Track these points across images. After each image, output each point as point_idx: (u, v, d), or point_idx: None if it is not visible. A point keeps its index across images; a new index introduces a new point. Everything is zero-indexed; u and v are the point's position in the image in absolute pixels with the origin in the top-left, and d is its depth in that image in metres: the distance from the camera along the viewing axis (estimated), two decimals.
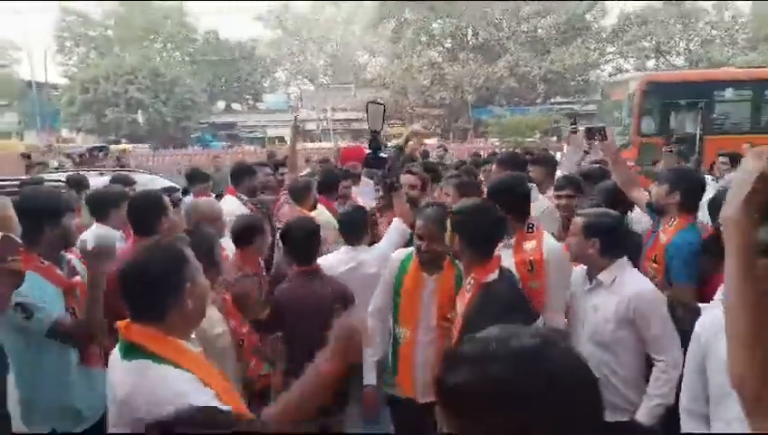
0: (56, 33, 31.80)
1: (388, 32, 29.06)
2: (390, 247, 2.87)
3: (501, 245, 2.23)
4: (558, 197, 3.25)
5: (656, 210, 2.85)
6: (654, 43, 26.95)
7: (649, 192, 2.92)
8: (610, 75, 28.50)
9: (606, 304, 2.20)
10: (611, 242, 2.23)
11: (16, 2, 34.85)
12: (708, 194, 2.83)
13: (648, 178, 4.13)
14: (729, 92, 11.38)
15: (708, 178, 4.17)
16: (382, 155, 2.98)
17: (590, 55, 26.70)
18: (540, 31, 26.82)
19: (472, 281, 2.10)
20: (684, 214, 2.65)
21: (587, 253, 2.25)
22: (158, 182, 5.94)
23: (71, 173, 5.58)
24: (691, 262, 2.50)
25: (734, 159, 5.22)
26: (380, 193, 4.29)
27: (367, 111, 2.96)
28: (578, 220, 2.32)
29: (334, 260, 2.90)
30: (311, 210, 4.00)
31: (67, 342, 2.06)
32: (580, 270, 2.39)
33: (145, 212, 2.55)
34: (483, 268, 2.10)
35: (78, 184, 4.54)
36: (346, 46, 34.10)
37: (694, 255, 2.50)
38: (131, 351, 1.43)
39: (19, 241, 1.87)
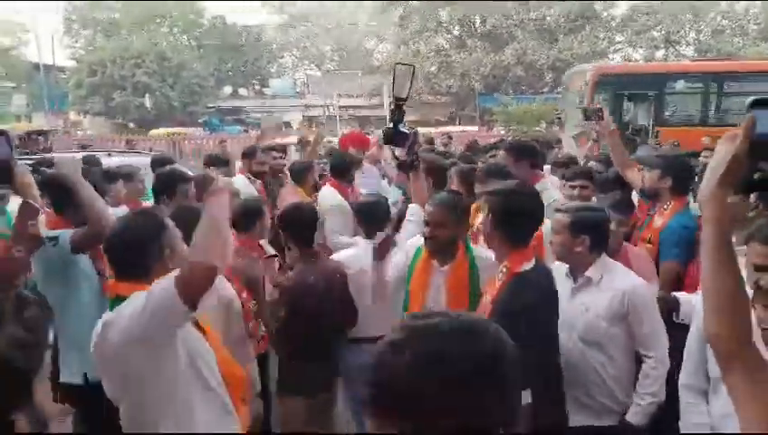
0: (64, 16, 31.81)
1: (395, 18, 28.90)
2: (409, 238, 2.65)
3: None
4: (571, 187, 3.07)
5: (648, 195, 2.97)
6: (663, 33, 26.70)
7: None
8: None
9: (597, 302, 2.10)
10: (600, 238, 2.12)
11: None
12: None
13: None
14: (681, 84, 11.58)
15: None
16: (404, 130, 2.60)
17: (599, 44, 26.50)
18: (548, 19, 26.61)
19: (504, 269, 1.91)
20: (677, 198, 2.78)
21: (574, 251, 2.09)
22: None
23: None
24: (682, 244, 2.61)
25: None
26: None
27: (393, 74, 2.56)
28: (562, 218, 2.12)
29: (353, 257, 2.73)
30: (311, 192, 4.20)
31: (86, 249, 2.27)
32: (559, 267, 2.22)
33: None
34: (518, 256, 1.91)
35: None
36: (353, 32, 33.93)
37: (687, 237, 2.60)
38: (117, 302, 1.62)
39: (37, 206, 2.03)
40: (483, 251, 2.27)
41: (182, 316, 1.55)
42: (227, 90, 37.34)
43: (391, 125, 2.59)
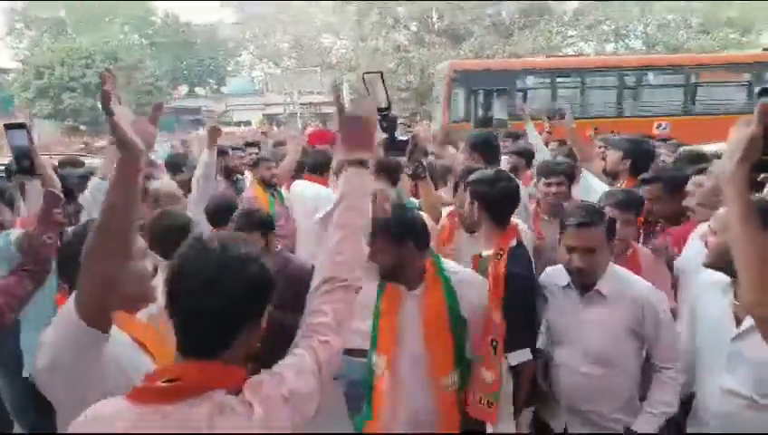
0: (5, 15, 30.39)
1: (352, 14, 28.87)
2: None
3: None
4: (546, 185, 2.98)
5: (609, 175, 3.26)
6: (613, 27, 27.61)
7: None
8: None
9: (611, 317, 1.96)
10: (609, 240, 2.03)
11: None
12: None
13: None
14: (530, 80, 12.32)
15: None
16: (401, 138, 2.49)
17: (553, 39, 27.18)
18: (503, 14, 27.11)
19: (501, 252, 2.04)
20: (632, 178, 3.03)
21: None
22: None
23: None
24: None
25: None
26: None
27: (365, 85, 2.35)
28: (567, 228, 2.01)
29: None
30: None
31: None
32: (555, 277, 2.12)
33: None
34: (505, 236, 2.12)
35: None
36: (310, 29, 33.69)
37: None
38: None
39: (61, 195, 2.11)
40: (454, 265, 2.05)
41: (93, 342, 1.27)
42: (183, 89, 36.50)
43: (385, 135, 2.41)
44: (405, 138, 2.53)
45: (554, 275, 2.15)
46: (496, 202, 2.17)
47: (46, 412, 1.49)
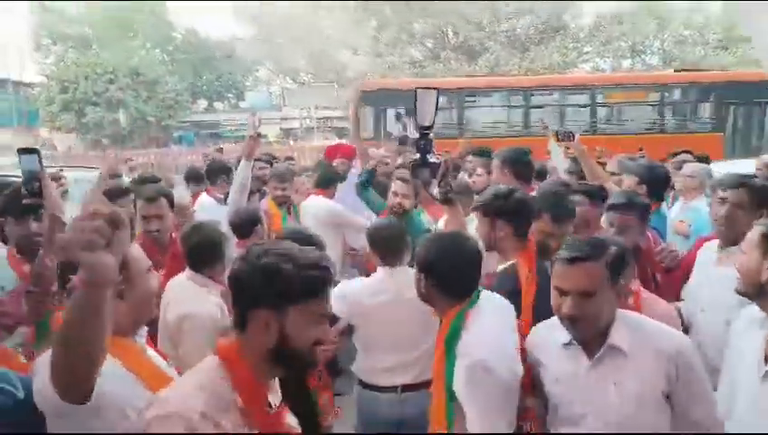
0: (33, 31, 31.33)
1: (369, 30, 29.26)
2: None
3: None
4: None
5: None
6: (629, 43, 27.62)
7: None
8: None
9: (637, 379, 1.55)
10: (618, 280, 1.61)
11: None
12: None
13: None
14: (440, 100, 12.24)
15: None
16: (433, 160, 2.32)
17: (569, 54, 27.25)
18: (519, 30, 27.29)
19: (529, 272, 2.04)
20: (652, 202, 3.07)
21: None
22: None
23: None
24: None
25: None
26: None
27: (415, 100, 2.23)
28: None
29: (363, 288, 2.47)
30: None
31: None
32: (550, 332, 1.70)
33: None
34: (528, 252, 2.14)
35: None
36: (327, 45, 34.17)
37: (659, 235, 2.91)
38: None
39: (65, 221, 2.11)
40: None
41: (72, 415, 1.23)
42: (202, 104, 37.13)
43: (418, 156, 2.34)
44: (437, 160, 2.36)
45: (548, 332, 1.72)
46: (514, 214, 2.20)
47: None
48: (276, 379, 1.32)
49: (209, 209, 4.11)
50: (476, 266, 1.87)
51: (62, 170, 6.23)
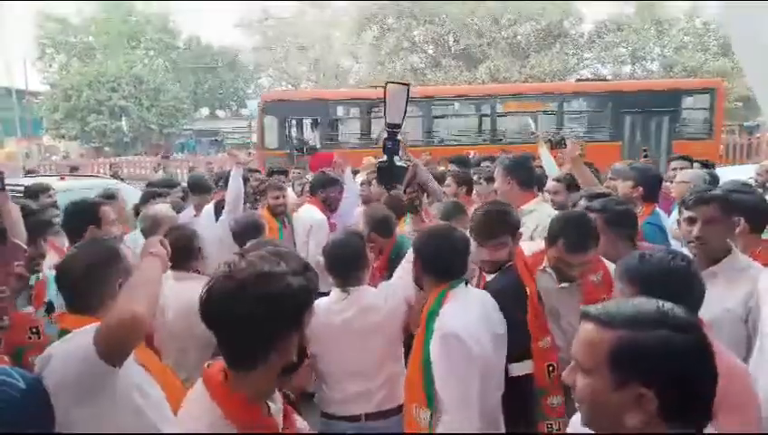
0: (36, 40, 31.55)
1: (370, 38, 29.41)
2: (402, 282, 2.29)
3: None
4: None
5: None
6: (630, 49, 27.71)
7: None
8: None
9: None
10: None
11: None
12: None
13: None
14: (340, 110, 12.96)
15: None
16: (400, 163, 2.19)
17: (569, 61, 27.34)
18: (519, 37, 27.40)
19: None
20: (647, 204, 3.15)
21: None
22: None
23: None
24: (659, 242, 2.92)
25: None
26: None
27: (384, 96, 2.09)
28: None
29: (322, 306, 2.22)
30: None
31: None
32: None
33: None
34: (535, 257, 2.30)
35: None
36: (329, 52, 34.35)
37: (663, 236, 3.04)
38: (64, 334, 1.54)
39: (24, 247, 2.04)
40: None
41: (102, 376, 1.39)
42: (204, 111, 37.30)
43: (385, 158, 2.19)
44: (403, 164, 2.19)
45: None
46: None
47: None
48: None
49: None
50: (461, 253, 2.03)
51: (62, 178, 6.30)
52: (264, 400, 1.22)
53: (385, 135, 2.19)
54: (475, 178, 4.36)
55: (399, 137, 2.17)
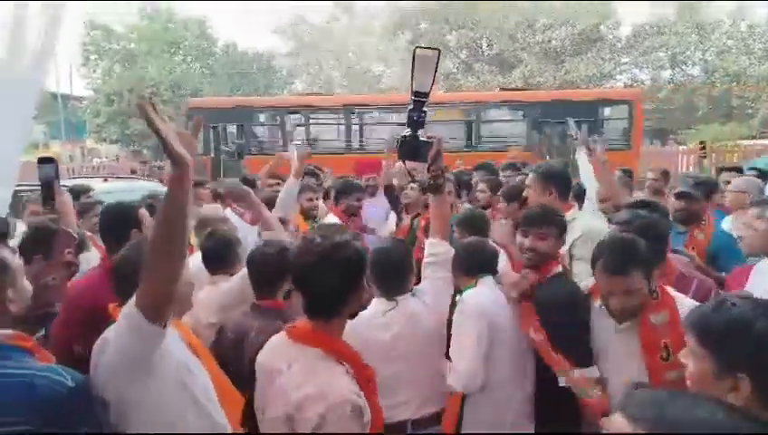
0: (81, 47, 32.74)
1: (404, 43, 29.48)
2: (433, 288, 2.23)
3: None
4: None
5: (679, 219, 3.25)
6: (669, 53, 26.97)
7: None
8: (625, 86, 28.57)
9: None
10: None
11: None
12: None
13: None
14: (262, 117, 13.18)
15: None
16: (424, 138, 1.97)
17: (605, 66, 26.79)
18: (554, 42, 27.01)
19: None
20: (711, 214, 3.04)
21: None
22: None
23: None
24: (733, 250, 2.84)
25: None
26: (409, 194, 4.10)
27: (413, 62, 1.91)
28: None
29: (363, 322, 1.94)
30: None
31: None
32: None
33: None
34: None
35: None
36: (362, 57, 34.57)
37: (735, 244, 2.81)
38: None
39: (75, 235, 2.09)
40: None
41: (155, 337, 1.45)
42: None
43: (408, 132, 1.97)
44: (427, 139, 1.97)
45: None
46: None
47: None
48: None
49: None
50: (487, 253, 2.43)
51: (105, 180, 6.56)
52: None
53: (403, 136, 2.00)
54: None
55: (426, 109, 1.99)
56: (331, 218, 4.11)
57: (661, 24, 26.64)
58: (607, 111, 12.46)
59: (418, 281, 2.31)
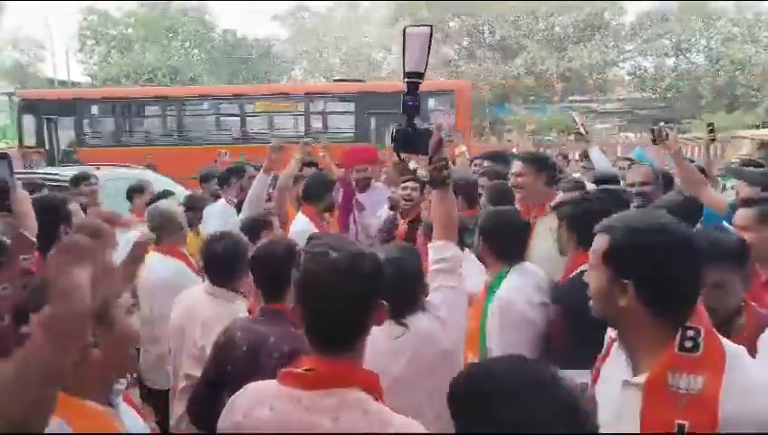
0: (78, 32, 32.37)
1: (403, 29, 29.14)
2: (442, 300, 1.79)
3: None
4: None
5: None
6: (674, 41, 26.64)
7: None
8: (629, 74, 28.26)
9: None
10: None
11: (42, 1, 35.53)
12: None
13: None
14: (95, 109, 13.06)
15: None
16: (422, 126, 1.74)
17: (609, 53, 26.49)
18: (557, 29, 26.67)
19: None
20: None
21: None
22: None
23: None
24: None
25: None
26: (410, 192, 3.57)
27: (404, 41, 1.70)
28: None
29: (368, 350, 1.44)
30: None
31: None
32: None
33: None
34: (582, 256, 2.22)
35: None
36: (362, 45, 34.22)
37: None
38: None
39: (33, 240, 1.80)
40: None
41: None
42: None
43: (404, 121, 1.71)
44: (426, 126, 1.74)
45: None
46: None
47: None
48: None
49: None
50: (522, 237, 2.34)
51: (97, 168, 6.36)
52: None
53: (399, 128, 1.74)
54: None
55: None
56: (302, 222, 3.57)
57: (665, 10, 26.29)
58: (431, 101, 12.51)
59: None
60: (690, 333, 1.17)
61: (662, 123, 3.52)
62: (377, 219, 3.93)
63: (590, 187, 3.27)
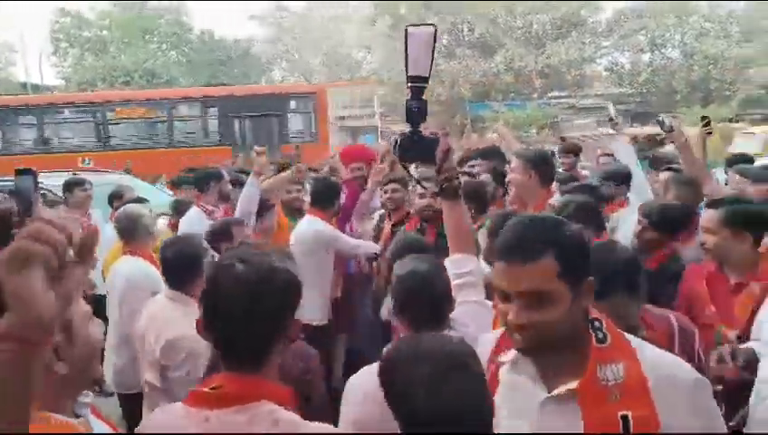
0: (51, 35, 31.73)
1: (384, 28, 29.10)
2: (478, 312, 1.68)
3: None
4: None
5: None
6: (649, 36, 27.05)
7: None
8: (606, 69, 28.61)
9: None
10: None
11: (11, 1, 34.74)
12: None
13: None
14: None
15: None
16: (428, 134, 1.62)
17: (586, 50, 26.79)
18: (535, 26, 26.90)
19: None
20: None
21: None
22: None
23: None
24: None
25: None
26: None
27: (406, 43, 1.60)
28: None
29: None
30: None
31: None
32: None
33: None
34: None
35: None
36: (341, 44, 34.10)
37: None
38: None
39: None
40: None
41: None
42: None
43: (408, 129, 1.60)
44: (432, 135, 1.64)
45: None
46: None
47: None
48: None
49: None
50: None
51: (75, 174, 6.27)
52: None
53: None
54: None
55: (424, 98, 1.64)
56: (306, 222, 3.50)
57: (640, 7, 26.68)
58: (293, 104, 12.84)
59: None
60: (597, 323, 1.15)
61: (662, 116, 3.48)
62: (371, 223, 3.89)
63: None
